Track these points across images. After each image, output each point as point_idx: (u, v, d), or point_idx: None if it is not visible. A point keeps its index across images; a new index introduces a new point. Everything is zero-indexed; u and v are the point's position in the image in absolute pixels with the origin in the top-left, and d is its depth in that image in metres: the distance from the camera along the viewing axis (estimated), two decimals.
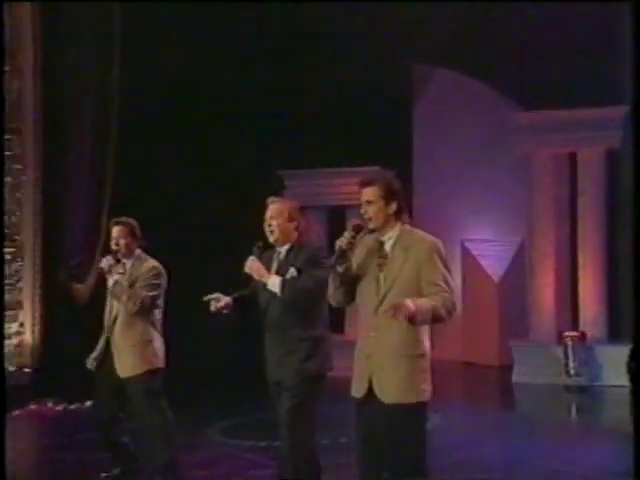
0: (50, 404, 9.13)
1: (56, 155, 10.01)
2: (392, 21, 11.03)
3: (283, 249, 4.86)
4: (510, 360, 10.56)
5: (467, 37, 10.84)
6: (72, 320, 9.61)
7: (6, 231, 9.85)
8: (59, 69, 9.98)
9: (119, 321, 5.86)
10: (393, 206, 4.04)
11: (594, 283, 10.27)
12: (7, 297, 9.76)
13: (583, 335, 9.96)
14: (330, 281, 4.23)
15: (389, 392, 3.90)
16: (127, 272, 5.63)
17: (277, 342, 4.83)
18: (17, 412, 8.86)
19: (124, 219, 6.00)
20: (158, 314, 5.71)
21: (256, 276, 4.69)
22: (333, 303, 4.25)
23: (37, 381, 9.44)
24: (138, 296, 5.54)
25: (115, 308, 5.86)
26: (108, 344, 5.86)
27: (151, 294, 5.55)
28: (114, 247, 5.68)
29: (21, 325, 9.79)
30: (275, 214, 4.83)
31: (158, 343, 5.80)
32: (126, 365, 5.68)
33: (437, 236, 12.40)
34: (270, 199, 5.08)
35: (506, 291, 11.55)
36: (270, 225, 4.86)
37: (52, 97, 10.02)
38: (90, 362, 5.80)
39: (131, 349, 5.69)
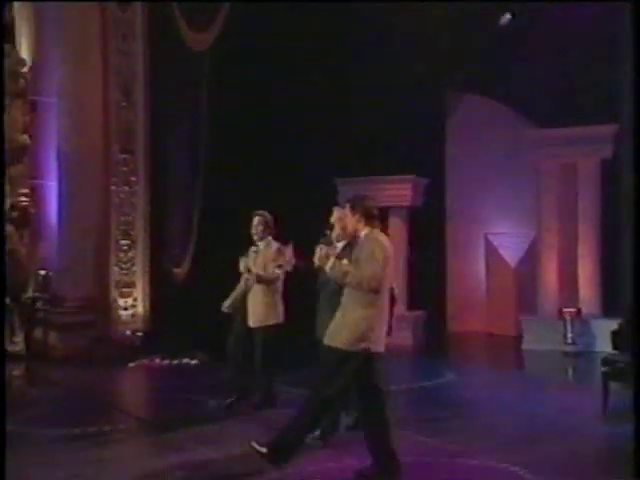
0: (157, 359, 9.88)
1: (160, 171, 10.76)
2: (431, 54, 10.91)
3: (339, 245, 5.80)
4: (521, 331, 11.11)
5: (490, 67, 11.02)
6: (172, 295, 10.37)
7: (122, 227, 10.62)
8: (163, 105, 10.66)
9: (256, 285, 6.93)
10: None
11: (590, 269, 10.74)
12: (124, 278, 10.60)
13: (579, 311, 10.45)
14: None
15: None
16: (260, 252, 6.68)
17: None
18: (132, 365, 9.73)
19: (261, 212, 6.91)
20: (280, 283, 6.77)
21: (320, 262, 5.07)
22: None
23: (147, 342, 10.16)
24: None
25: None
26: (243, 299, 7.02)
27: (278, 271, 6.63)
28: (253, 232, 6.68)
29: (134, 299, 10.60)
30: (339, 218, 5.78)
31: (280, 304, 6.90)
32: (258, 317, 6.87)
33: (465, 230, 13.62)
34: (336, 208, 6.06)
35: (520, 275, 12.01)
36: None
37: (157, 126, 10.74)
38: (226, 306, 7.10)
39: (264, 306, 6.84)
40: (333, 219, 5.75)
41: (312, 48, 10.75)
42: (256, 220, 6.79)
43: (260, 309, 6.77)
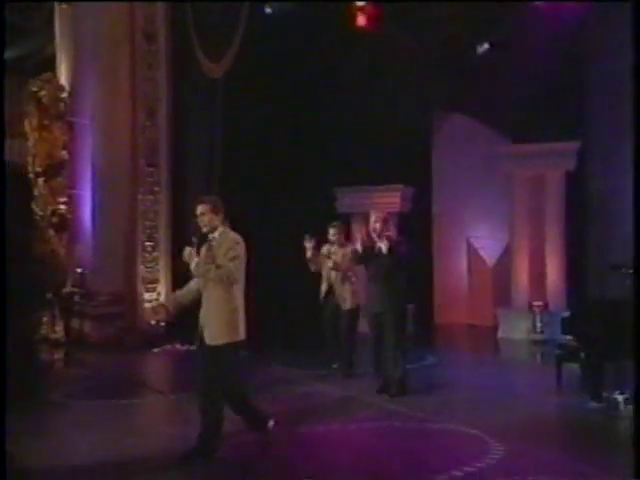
0: (177, 345, 10.06)
1: (180, 182, 10.95)
2: (419, 78, 11.05)
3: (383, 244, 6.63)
4: (497, 322, 11.21)
5: (470, 90, 11.05)
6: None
7: (148, 231, 10.72)
8: (182, 124, 10.81)
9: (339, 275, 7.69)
10: (220, 216, 4.97)
11: (556, 268, 10.80)
12: (149, 275, 10.69)
13: (546, 304, 10.56)
14: None
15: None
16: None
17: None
18: (156, 350, 9.95)
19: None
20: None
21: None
22: None
23: (168, 331, 10.21)
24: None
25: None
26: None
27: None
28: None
29: (158, 294, 10.69)
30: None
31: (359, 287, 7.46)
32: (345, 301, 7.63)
33: (449, 234, 14.04)
34: (376, 212, 6.91)
35: (496, 273, 12.08)
36: (375, 229, 6.75)
37: (178, 143, 10.95)
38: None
39: (350, 293, 7.57)
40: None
41: (313, 71, 10.81)
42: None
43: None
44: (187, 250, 5.05)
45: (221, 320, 4.87)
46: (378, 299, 6.82)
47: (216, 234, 5.04)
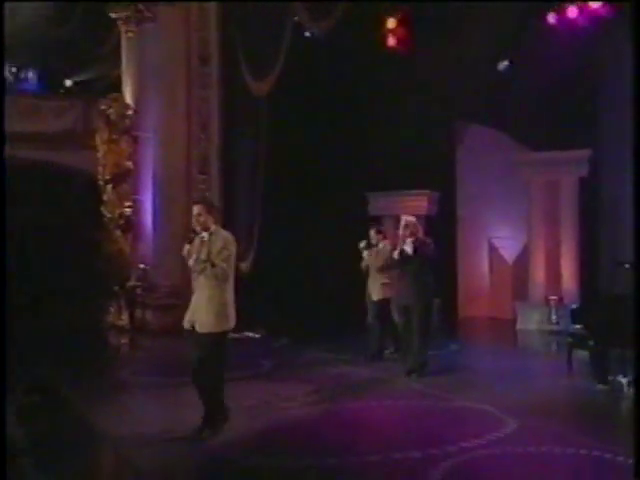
0: (250, 333, 9.75)
1: (229, 188, 11.10)
2: (445, 93, 10.76)
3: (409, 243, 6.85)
4: (516, 314, 11.11)
5: (491, 102, 10.80)
6: (238, 283, 11.00)
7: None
8: (231, 137, 11.03)
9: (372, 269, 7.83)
10: (214, 216, 4.94)
11: (570, 265, 10.67)
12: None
13: (561, 298, 10.46)
14: None
15: None
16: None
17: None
18: (235, 336, 10.25)
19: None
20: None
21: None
22: None
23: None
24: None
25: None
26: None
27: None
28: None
29: None
30: (411, 224, 6.81)
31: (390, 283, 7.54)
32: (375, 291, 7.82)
33: (472, 235, 13.88)
34: (405, 215, 7.12)
35: (515, 270, 11.90)
36: (407, 227, 6.93)
37: (227, 153, 11.12)
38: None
39: (378, 287, 7.73)
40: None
41: (347, 88, 10.83)
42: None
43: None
44: (186, 247, 5.03)
45: (211, 311, 4.87)
46: (407, 293, 7.03)
47: (210, 233, 5.01)
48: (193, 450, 4.86)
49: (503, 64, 10.85)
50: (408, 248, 6.97)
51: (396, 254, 7.13)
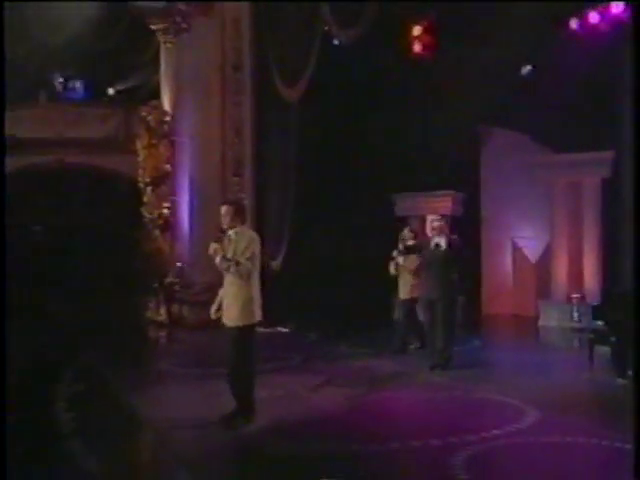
0: (261, 328, 10.67)
1: (261, 190, 11.28)
2: (469, 96, 10.38)
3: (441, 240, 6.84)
4: (539, 312, 11.01)
5: (514, 106, 10.64)
6: (268, 282, 10.95)
7: None
8: (264, 140, 11.17)
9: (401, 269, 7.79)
10: (240, 217, 4.98)
11: (592, 264, 10.54)
12: None
13: (583, 296, 10.36)
14: None
15: None
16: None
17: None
18: (266, 330, 9.53)
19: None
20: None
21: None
22: None
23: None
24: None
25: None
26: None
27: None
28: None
29: None
30: (438, 222, 6.85)
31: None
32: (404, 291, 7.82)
33: (496, 235, 13.61)
34: (432, 215, 7.09)
35: (538, 269, 11.78)
36: (434, 228, 6.94)
37: (259, 156, 11.33)
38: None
39: (406, 286, 7.77)
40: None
41: (374, 93, 10.80)
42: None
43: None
44: (212, 246, 5.02)
45: (237, 306, 4.93)
46: (433, 289, 7.03)
47: (235, 231, 5.03)
48: (226, 435, 4.96)
49: (526, 69, 10.76)
50: (441, 243, 6.95)
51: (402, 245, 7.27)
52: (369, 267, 9.93)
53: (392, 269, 8.06)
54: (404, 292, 8.03)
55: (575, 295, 10.47)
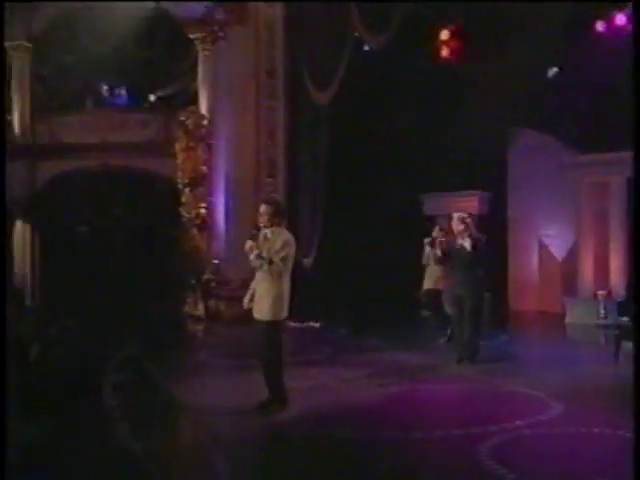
0: (291, 323, 9.32)
1: (294, 190, 11.37)
2: (497, 99, 10.28)
3: (466, 237, 6.78)
4: (565, 309, 10.93)
5: (540, 108, 10.71)
6: (302, 278, 11.05)
7: None
8: (295, 143, 11.08)
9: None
10: (278, 217, 4.94)
11: (618, 262, 10.48)
12: None
13: (609, 293, 10.27)
14: None
15: None
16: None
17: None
18: (296, 325, 9.51)
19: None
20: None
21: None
22: None
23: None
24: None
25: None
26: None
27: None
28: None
29: None
30: (464, 220, 6.76)
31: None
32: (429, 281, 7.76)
33: (523, 234, 13.64)
34: (458, 213, 7.03)
35: (564, 267, 11.73)
36: (460, 225, 6.87)
37: (292, 158, 11.40)
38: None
39: (438, 277, 7.68)
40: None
41: (403, 97, 10.80)
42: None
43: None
44: (248, 243, 5.00)
45: (268, 302, 4.96)
46: (459, 284, 7.01)
47: (272, 231, 5.00)
48: (261, 421, 5.06)
49: (552, 71, 10.66)
50: (467, 244, 6.92)
51: (438, 251, 7.10)
52: (397, 264, 10.00)
53: (425, 258, 8.06)
54: (429, 282, 8.00)
55: (601, 292, 10.40)
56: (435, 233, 8.20)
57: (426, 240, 8.11)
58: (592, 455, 4.34)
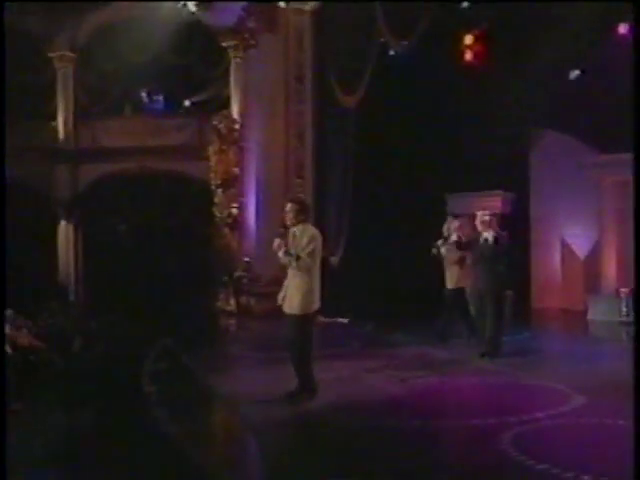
0: (321, 318, 9.99)
1: (322, 190, 11.43)
2: (519, 101, 10.44)
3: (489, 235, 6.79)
4: (587, 306, 10.77)
5: (562, 109, 10.52)
6: (329, 275, 10.93)
7: None
8: (323, 145, 11.26)
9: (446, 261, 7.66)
10: (303, 215, 5.02)
11: None
12: None
13: (631, 290, 9.94)
14: None
15: None
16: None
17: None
18: (326, 320, 9.62)
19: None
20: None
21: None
22: None
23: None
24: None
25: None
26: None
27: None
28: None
29: None
30: (487, 218, 6.75)
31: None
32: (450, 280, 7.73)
33: (545, 233, 13.40)
34: (482, 212, 6.97)
35: (587, 265, 11.56)
36: (483, 223, 6.82)
37: (320, 160, 11.48)
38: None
39: (452, 277, 7.68)
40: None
41: (428, 99, 10.72)
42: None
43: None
44: (276, 241, 5.08)
45: (298, 297, 5.05)
46: (482, 281, 7.00)
47: (299, 228, 5.08)
48: (291, 409, 5.15)
49: (575, 73, 10.52)
50: (490, 237, 6.91)
51: (449, 242, 7.27)
52: (422, 262, 9.96)
53: (434, 251, 8.04)
54: (451, 282, 8.01)
55: (623, 289, 10.20)
56: (448, 224, 8.14)
57: (439, 242, 8.09)
58: (609, 445, 4.32)
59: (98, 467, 4.00)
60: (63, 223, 12.82)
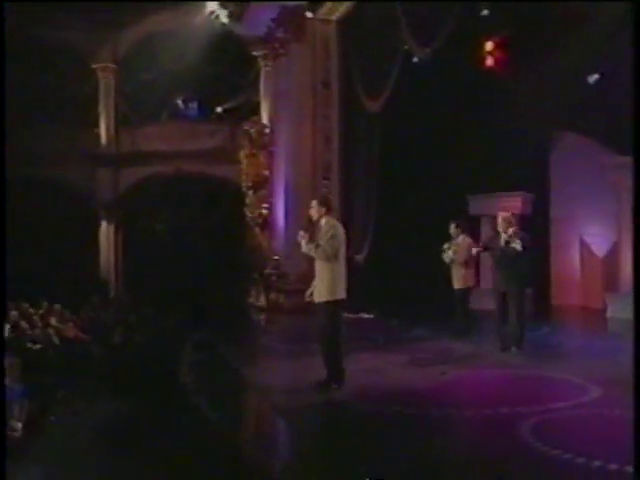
0: (346, 314, 10.60)
1: (347, 191, 11.48)
2: (540, 104, 10.29)
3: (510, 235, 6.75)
4: (606, 304, 10.56)
5: (582, 112, 10.35)
6: (355, 272, 10.75)
7: None
8: (349, 148, 11.38)
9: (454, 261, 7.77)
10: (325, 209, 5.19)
11: None
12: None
13: None
14: None
15: None
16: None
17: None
18: (351, 316, 9.87)
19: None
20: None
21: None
22: None
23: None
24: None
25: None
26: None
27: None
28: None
29: None
30: (507, 218, 6.77)
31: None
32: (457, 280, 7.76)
33: (565, 233, 13.19)
34: (502, 212, 7.01)
35: (606, 263, 11.42)
36: (504, 224, 6.81)
37: (346, 162, 11.50)
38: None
39: (459, 276, 7.75)
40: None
41: (450, 104, 10.67)
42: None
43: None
44: (301, 233, 5.25)
45: (324, 285, 5.16)
46: (503, 280, 6.97)
47: (322, 222, 5.27)
48: (320, 398, 5.23)
49: (594, 77, 10.36)
50: (518, 246, 6.86)
51: (474, 251, 7.25)
52: (443, 261, 9.88)
53: (446, 258, 8.09)
54: (458, 282, 7.98)
55: None
56: (452, 230, 8.09)
57: (446, 245, 8.07)
58: (625, 435, 4.30)
59: (138, 452, 4.12)
60: (104, 223, 13.15)
